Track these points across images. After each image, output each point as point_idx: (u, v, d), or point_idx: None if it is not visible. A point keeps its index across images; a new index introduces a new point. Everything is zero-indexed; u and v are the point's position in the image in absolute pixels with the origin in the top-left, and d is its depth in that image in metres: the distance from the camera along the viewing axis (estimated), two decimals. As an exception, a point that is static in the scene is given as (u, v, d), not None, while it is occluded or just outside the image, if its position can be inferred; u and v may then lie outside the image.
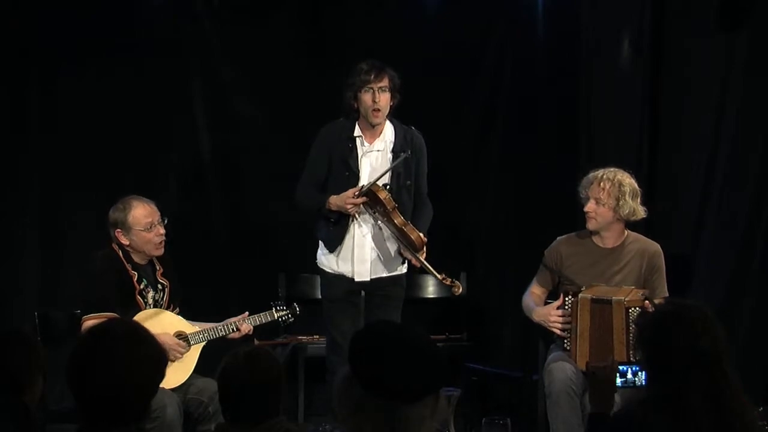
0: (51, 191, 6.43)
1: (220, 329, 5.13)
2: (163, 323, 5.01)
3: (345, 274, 5.36)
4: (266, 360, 3.43)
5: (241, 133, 6.72)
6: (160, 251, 5.13)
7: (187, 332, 5.07)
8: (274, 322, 5.37)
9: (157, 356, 2.70)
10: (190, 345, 5.04)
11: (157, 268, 5.17)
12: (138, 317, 4.94)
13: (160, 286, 5.15)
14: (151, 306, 5.09)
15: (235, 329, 5.14)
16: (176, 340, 5.00)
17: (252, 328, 5.21)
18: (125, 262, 5.06)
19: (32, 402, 3.30)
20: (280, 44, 6.69)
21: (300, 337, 6.34)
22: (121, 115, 6.45)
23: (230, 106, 6.70)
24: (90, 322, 4.87)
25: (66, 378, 2.66)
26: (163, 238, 5.11)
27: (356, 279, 5.35)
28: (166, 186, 6.61)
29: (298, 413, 6.24)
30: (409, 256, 5.29)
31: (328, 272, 5.41)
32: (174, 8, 6.59)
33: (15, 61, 6.31)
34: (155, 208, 5.14)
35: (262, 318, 5.26)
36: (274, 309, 5.31)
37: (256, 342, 6.01)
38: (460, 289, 5.35)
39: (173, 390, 4.87)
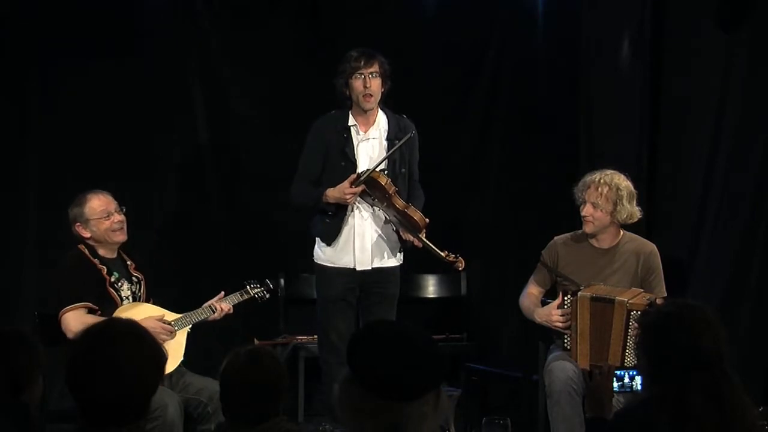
0: (50, 191, 6.42)
1: (200, 312, 5.21)
2: (144, 314, 5.06)
3: (346, 266, 5.38)
4: (268, 360, 3.43)
5: (241, 132, 6.73)
6: (123, 237, 5.19)
7: (169, 319, 5.10)
8: (252, 300, 5.45)
9: (157, 355, 2.70)
10: (175, 331, 5.07)
11: (129, 262, 5.23)
12: (118, 311, 5.00)
13: (135, 279, 5.22)
14: (130, 299, 5.15)
15: (213, 310, 5.23)
16: (160, 323, 5.03)
17: (231, 306, 5.30)
18: (92, 258, 5.13)
19: (32, 402, 3.29)
20: (280, 44, 6.69)
21: (300, 337, 6.34)
22: (121, 116, 6.45)
23: (230, 106, 6.71)
24: (69, 314, 4.96)
25: (65, 378, 2.66)
26: (123, 225, 5.18)
27: (358, 268, 5.37)
28: (165, 186, 6.61)
29: (298, 413, 6.24)
30: (411, 238, 5.34)
31: (328, 267, 5.42)
32: (174, 8, 6.59)
33: (15, 60, 6.31)
34: (111, 198, 5.23)
35: (238, 296, 5.37)
36: (248, 287, 5.44)
37: (256, 342, 6.03)
38: (463, 264, 5.39)
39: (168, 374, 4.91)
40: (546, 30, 6.82)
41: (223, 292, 5.32)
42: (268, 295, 5.51)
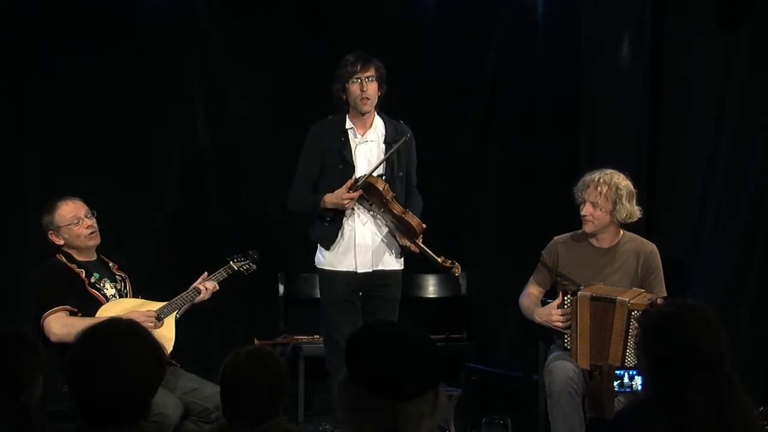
0: (50, 191, 6.41)
1: (185, 297, 5.19)
2: (126, 308, 5.05)
3: (347, 269, 5.38)
4: (268, 359, 3.43)
5: (241, 132, 6.72)
6: (95, 241, 5.17)
7: (154, 309, 5.09)
8: (238, 274, 5.43)
9: (157, 354, 2.70)
10: (161, 319, 5.06)
11: (111, 264, 5.24)
12: (101, 309, 4.99)
13: (119, 278, 5.22)
14: (116, 296, 5.14)
15: (199, 292, 5.21)
16: (143, 313, 5.00)
17: (216, 284, 5.28)
18: (69, 264, 5.12)
19: (32, 402, 3.29)
20: (280, 44, 6.69)
21: (300, 337, 6.34)
22: (121, 115, 6.45)
23: (230, 106, 6.70)
24: (50, 317, 4.91)
25: (65, 379, 2.66)
26: (94, 229, 5.16)
27: (359, 271, 5.36)
28: (165, 186, 6.61)
29: (298, 413, 6.24)
30: (408, 243, 5.35)
31: (329, 271, 5.42)
32: (174, 8, 6.59)
33: (15, 60, 6.31)
34: (81, 204, 5.20)
35: (224, 273, 5.34)
36: (232, 262, 5.42)
37: (256, 342, 6.03)
38: (459, 270, 5.41)
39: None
40: (546, 30, 6.82)
41: (206, 273, 5.29)
42: (255, 266, 5.49)
